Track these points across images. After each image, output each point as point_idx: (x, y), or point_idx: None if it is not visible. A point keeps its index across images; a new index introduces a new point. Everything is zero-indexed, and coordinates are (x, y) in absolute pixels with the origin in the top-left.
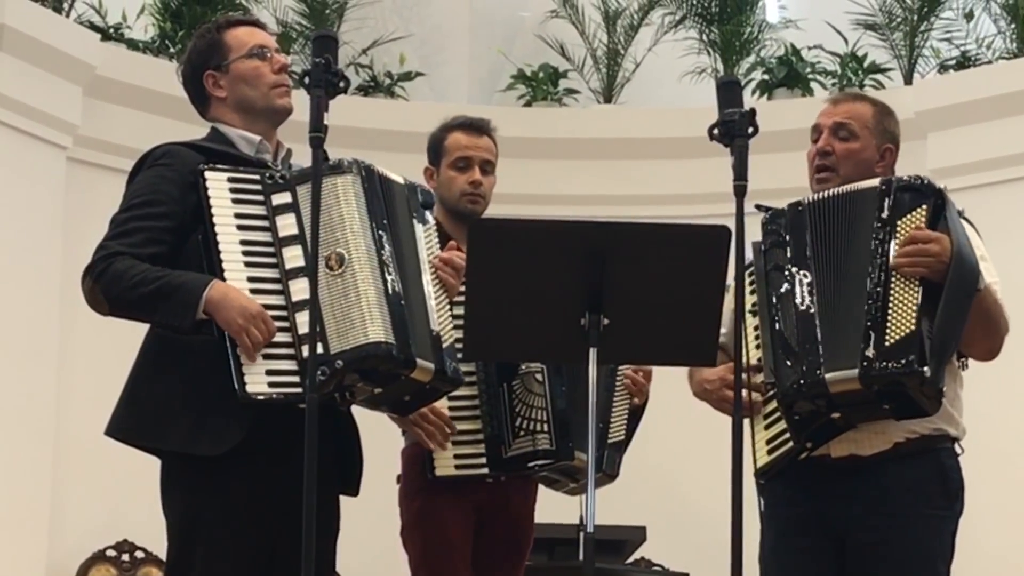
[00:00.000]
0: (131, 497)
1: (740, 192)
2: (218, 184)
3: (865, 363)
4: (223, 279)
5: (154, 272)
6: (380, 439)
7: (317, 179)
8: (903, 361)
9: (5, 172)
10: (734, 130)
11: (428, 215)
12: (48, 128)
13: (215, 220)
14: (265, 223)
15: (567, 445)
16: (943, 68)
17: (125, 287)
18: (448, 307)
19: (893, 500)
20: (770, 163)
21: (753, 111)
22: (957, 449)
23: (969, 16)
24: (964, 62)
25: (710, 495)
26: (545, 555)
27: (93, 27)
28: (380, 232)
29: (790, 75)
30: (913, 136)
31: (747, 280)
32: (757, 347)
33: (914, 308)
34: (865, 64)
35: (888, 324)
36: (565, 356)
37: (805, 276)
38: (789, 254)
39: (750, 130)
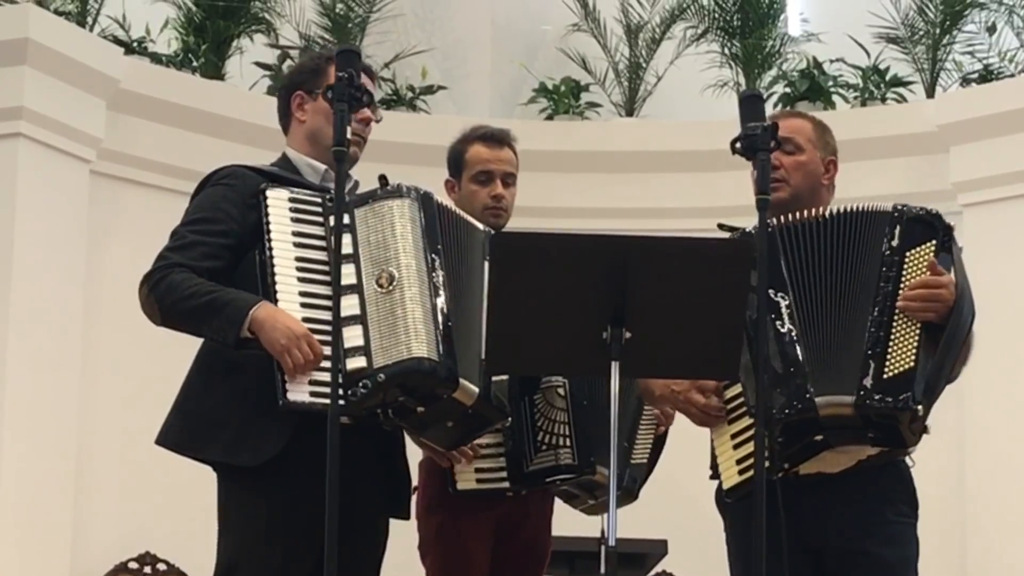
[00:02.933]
0: (154, 509)
1: (763, 206)
2: (279, 203)
3: (862, 392)
4: (275, 292)
5: (207, 287)
6: None
7: (340, 193)
8: (900, 396)
9: (30, 185)
10: (756, 144)
11: None
12: (72, 141)
13: (272, 237)
14: (322, 242)
15: (589, 460)
16: (965, 81)
17: (177, 298)
18: None
19: (865, 510)
20: None
21: (775, 125)
22: (909, 461)
23: (992, 29)
24: (986, 75)
25: None
26: (566, 568)
27: (117, 41)
28: (433, 256)
29: (812, 88)
30: (935, 149)
31: None
32: None
33: (915, 344)
34: (887, 77)
35: (888, 357)
36: (587, 369)
37: (783, 298)
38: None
39: (772, 144)
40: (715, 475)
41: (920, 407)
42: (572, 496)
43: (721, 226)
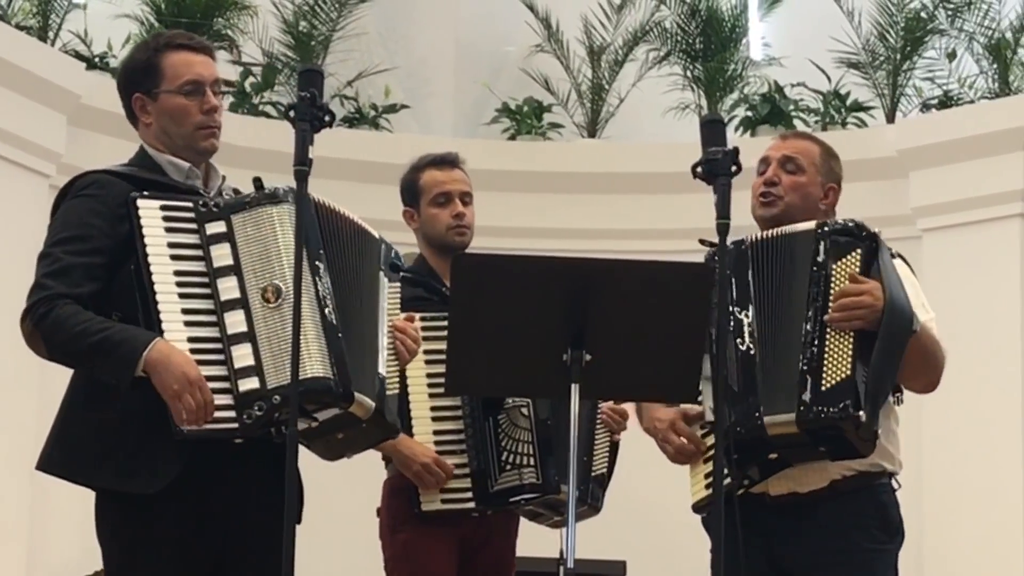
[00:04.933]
0: None
1: (723, 230)
2: (151, 213)
3: (802, 408)
4: (158, 312)
5: (95, 324)
6: (360, 471)
7: (300, 210)
8: (839, 406)
9: None
10: (717, 168)
11: (396, 276)
12: (32, 156)
13: (148, 251)
14: (198, 252)
15: (553, 479)
16: (925, 107)
17: (66, 337)
18: (396, 369)
19: (835, 536)
20: None
21: (736, 150)
22: (894, 484)
23: (952, 56)
24: (946, 101)
25: (689, 529)
26: None
27: (78, 56)
28: (317, 263)
29: (773, 112)
30: (895, 174)
31: None
32: None
33: (849, 354)
34: (848, 102)
35: (824, 369)
36: (547, 392)
37: (746, 316)
38: (733, 293)
39: (733, 168)
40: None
41: (862, 413)
42: (537, 514)
43: (702, 241)
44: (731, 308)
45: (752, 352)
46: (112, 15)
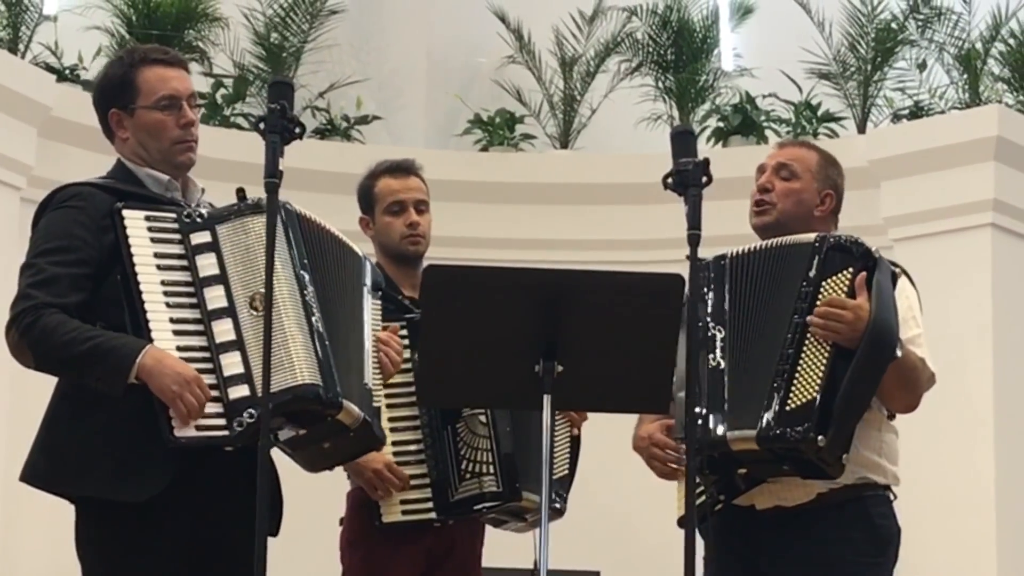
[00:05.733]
0: None
1: (694, 241)
2: (136, 223)
3: (763, 425)
4: (147, 321)
5: (84, 332)
6: (323, 481)
7: (271, 223)
8: (798, 428)
9: None
10: (688, 179)
11: (376, 294)
12: (2, 168)
13: (135, 260)
14: (183, 262)
15: (514, 486)
16: (896, 117)
17: (55, 346)
18: (380, 382)
19: (822, 550)
20: (725, 210)
21: (707, 161)
22: (889, 496)
23: (922, 66)
24: (917, 112)
25: (663, 539)
26: None
27: (49, 68)
28: (302, 272)
29: (745, 123)
30: (866, 185)
31: None
32: None
33: (820, 374)
34: (819, 113)
35: (792, 388)
36: (519, 403)
37: (720, 331)
38: (709, 308)
39: (704, 179)
40: None
41: (821, 438)
42: (501, 521)
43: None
44: (706, 323)
45: (722, 368)
46: (83, 27)
